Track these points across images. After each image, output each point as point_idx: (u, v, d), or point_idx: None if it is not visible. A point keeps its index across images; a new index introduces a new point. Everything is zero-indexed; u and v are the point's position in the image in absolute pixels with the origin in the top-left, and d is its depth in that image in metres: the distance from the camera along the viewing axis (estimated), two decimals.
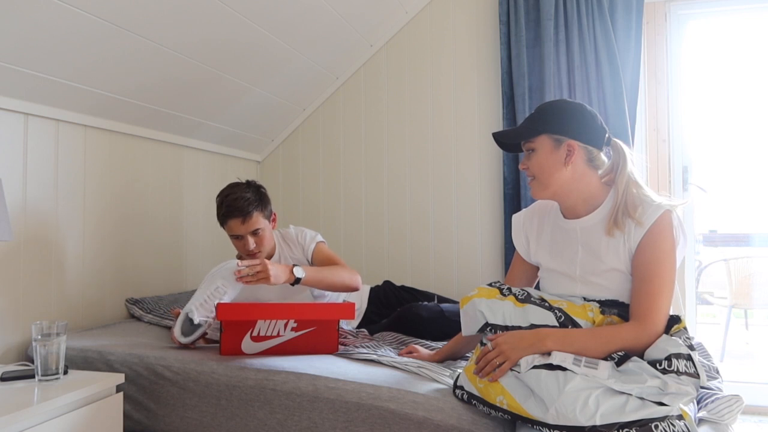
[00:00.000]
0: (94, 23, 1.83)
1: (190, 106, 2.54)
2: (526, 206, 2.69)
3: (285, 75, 2.80)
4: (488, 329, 1.38)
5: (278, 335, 1.76)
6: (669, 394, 1.14)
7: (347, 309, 1.74)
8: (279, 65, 2.69)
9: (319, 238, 2.23)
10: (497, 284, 1.45)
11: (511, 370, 1.28)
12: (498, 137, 1.56)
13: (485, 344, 1.39)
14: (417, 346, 1.82)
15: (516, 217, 1.67)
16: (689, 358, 1.20)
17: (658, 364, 1.21)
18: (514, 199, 2.77)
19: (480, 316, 1.39)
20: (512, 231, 1.66)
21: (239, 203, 2.03)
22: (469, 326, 1.42)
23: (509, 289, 1.44)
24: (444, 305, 2.12)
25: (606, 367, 1.21)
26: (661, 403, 1.13)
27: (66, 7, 1.72)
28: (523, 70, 2.71)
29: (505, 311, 1.38)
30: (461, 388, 1.39)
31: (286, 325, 1.76)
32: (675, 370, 1.18)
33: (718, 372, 1.54)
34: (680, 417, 1.14)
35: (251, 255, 2.10)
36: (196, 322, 1.83)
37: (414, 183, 3.05)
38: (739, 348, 4.14)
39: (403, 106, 3.08)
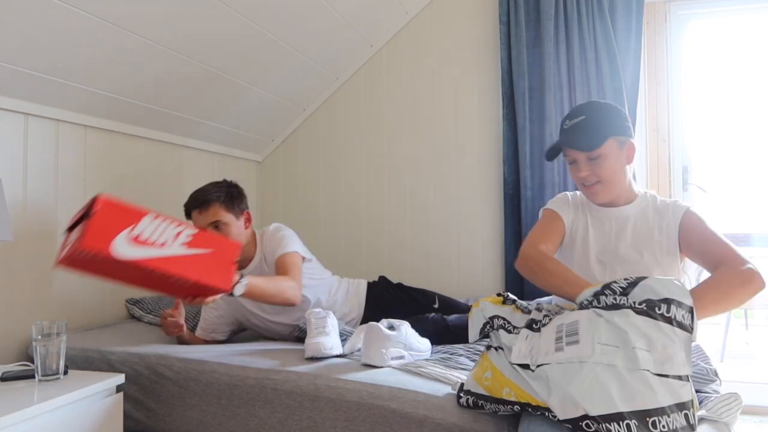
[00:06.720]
0: (95, 23, 1.83)
1: (190, 106, 2.54)
2: (526, 207, 2.69)
3: (285, 75, 2.80)
4: (486, 326, 1.40)
5: (163, 245, 1.42)
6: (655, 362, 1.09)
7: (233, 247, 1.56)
8: (279, 65, 2.69)
9: (291, 249, 2.05)
10: (505, 294, 1.49)
11: (527, 368, 1.24)
12: (561, 148, 1.57)
13: (489, 348, 1.39)
14: None
15: (562, 194, 1.73)
16: (690, 310, 1.14)
17: (656, 308, 1.14)
18: (514, 199, 2.77)
19: (482, 317, 1.41)
20: (559, 198, 1.70)
21: (199, 194, 2.01)
22: (474, 330, 1.44)
23: (513, 300, 1.46)
24: (450, 318, 2.07)
25: (587, 340, 1.15)
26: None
27: (66, 7, 1.72)
28: (523, 70, 2.71)
29: (506, 313, 1.41)
30: (468, 392, 1.35)
31: (177, 236, 1.44)
32: (672, 317, 1.13)
33: (716, 374, 1.52)
34: (684, 406, 1.07)
35: None
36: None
37: (414, 183, 3.04)
38: (739, 348, 4.14)
39: (403, 106, 3.08)
